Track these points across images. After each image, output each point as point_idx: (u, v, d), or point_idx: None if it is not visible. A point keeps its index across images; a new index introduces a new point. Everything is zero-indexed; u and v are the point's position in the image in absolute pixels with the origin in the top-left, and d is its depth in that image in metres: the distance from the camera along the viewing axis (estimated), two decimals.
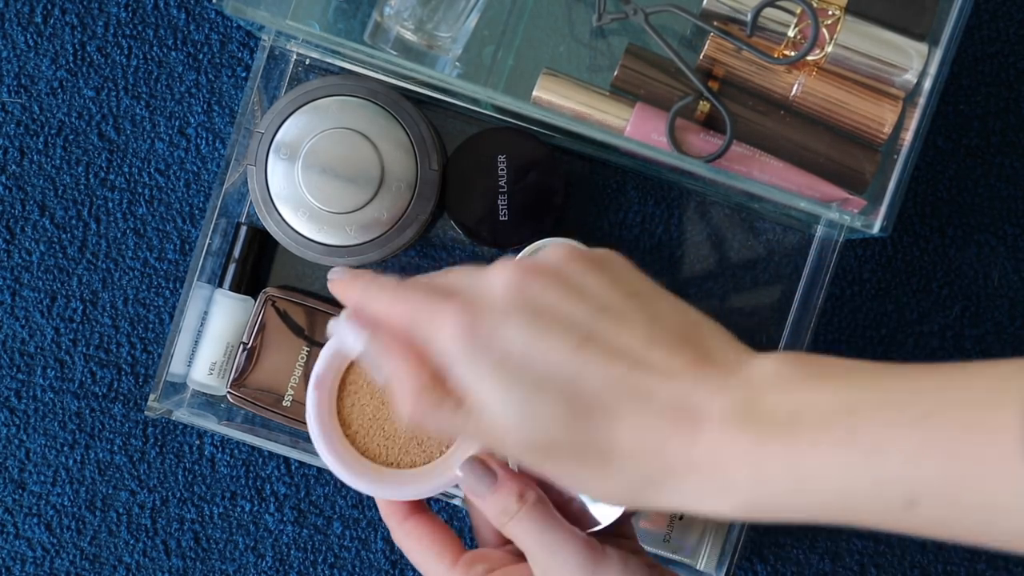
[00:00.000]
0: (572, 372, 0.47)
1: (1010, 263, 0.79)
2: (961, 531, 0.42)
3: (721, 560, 0.73)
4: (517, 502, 0.55)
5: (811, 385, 0.45)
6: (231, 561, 0.80)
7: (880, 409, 0.43)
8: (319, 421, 0.61)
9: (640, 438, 0.46)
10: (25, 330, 0.80)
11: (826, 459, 0.43)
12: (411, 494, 0.60)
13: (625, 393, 0.47)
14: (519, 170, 0.74)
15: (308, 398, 0.61)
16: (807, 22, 0.71)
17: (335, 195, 0.71)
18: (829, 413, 0.44)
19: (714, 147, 0.73)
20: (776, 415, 0.45)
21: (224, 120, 0.79)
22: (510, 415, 0.47)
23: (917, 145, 0.68)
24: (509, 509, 0.55)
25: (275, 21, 0.68)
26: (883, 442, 0.42)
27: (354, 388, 0.62)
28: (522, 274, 0.48)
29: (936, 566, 0.79)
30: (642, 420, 0.46)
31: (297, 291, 0.77)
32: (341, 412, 0.62)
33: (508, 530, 0.55)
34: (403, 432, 0.62)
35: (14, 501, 0.80)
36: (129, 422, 0.80)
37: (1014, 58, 0.79)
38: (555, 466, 0.48)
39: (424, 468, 0.62)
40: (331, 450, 0.61)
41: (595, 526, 0.58)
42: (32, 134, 0.80)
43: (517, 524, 0.55)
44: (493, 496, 0.55)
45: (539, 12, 0.76)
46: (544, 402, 0.47)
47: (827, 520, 0.45)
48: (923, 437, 0.42)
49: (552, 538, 0.54)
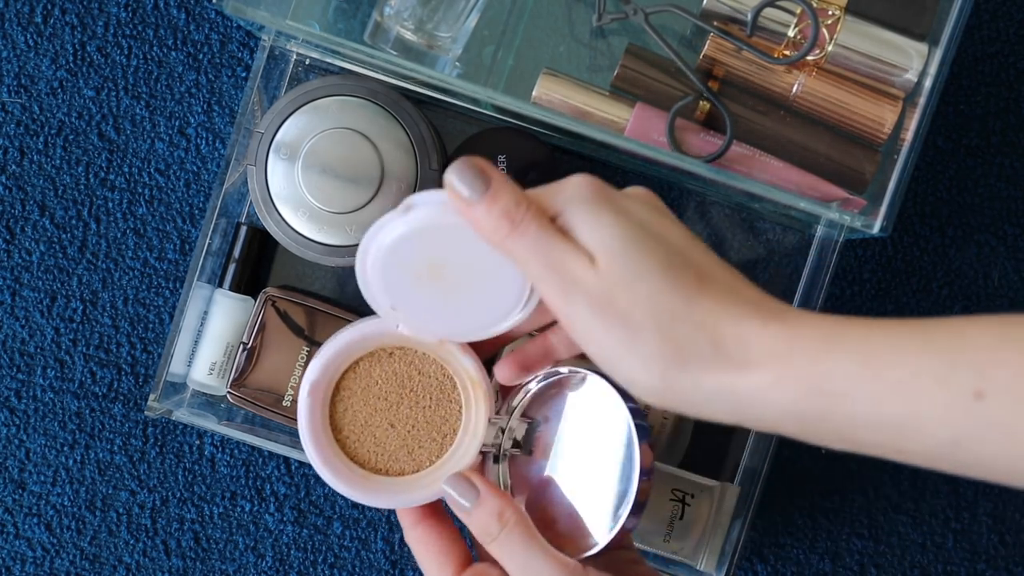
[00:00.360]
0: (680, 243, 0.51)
1: (1010, 263, 0.79)
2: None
3: (721, 560, 0.73)
4: (497, 522, 0.55)
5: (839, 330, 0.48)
6: (231, 561, 0.80)
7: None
8: (310, 426, 0.61)
9: (714, 316, 0.49)
10: (25, 330, 0.80)
11: (894, 342, 0.46)
12: (398, 503, 0.60)
13: (720, 273, 0.50)
14: (519, 170, 0.74)
15: (300, 402, 0.61)
16: (807, 22, 0.71)
17: (335, 195, 0.71)
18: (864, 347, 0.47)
19: (714, 147, 0.73)
20: (815, 341, 0.48)
21: (224, 120, 0.79)
22: (613, 260, 0.49)
23: (917, 145, 0.68)
24: (491, 529, 0.55)
25: (275, 21, 0.68)
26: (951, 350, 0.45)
27: (347, 394, 0.62)
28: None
29: (936, 566, 0.79)
30: (721, 305, 0.49)
31: (297, 291, 0.77)
32: (333, 417, 0.62)
33: (491, 550, 0.55)
34: (394, 440, 0.62)
35: (14, 501, 0.80)
36: (129, 422, 0.80)
37: (1014, 58, 0.79)
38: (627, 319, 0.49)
39: (413, 477, 0.61)
40: (321, 455, 0.61)
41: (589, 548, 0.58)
42: (32, 134, 0.80)
43: (498, 545, 0.55)
44: (475, 513, 0.56)
45: (539, 12, 0.76)
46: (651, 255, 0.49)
47: (883, 419, 0.46)
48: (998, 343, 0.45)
49: (533, 562, 0.54)
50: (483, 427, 0.60)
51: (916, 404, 0.45)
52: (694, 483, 0.73)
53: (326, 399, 0.62)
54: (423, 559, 0.58)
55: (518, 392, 0.62)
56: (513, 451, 0.62)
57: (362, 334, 0.61)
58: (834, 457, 0.79)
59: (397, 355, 0.62)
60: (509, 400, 0.62)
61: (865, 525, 0.80)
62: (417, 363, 0.62)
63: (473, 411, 0.61)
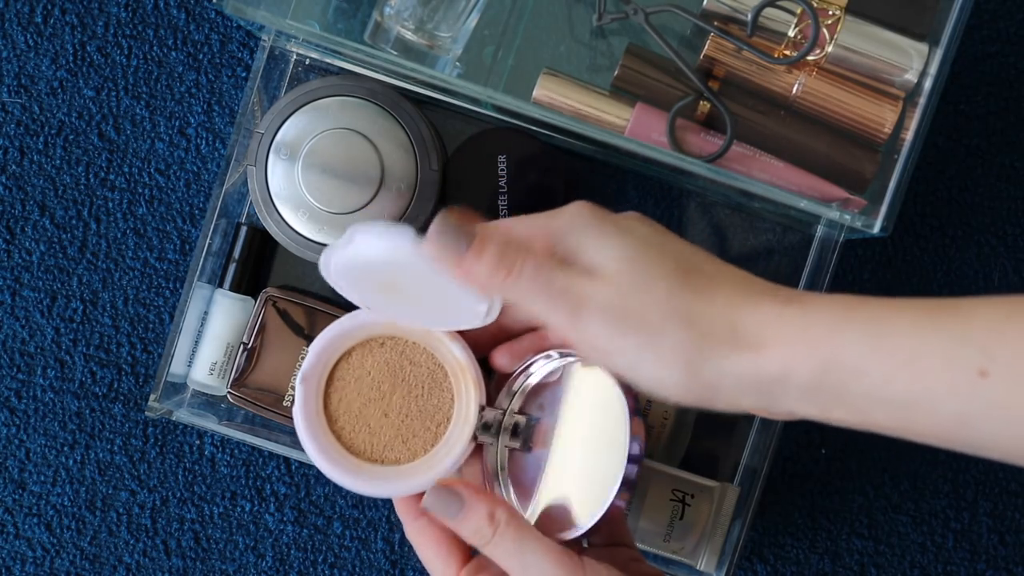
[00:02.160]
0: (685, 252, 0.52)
1: (1010, 263, 0.79)
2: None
3: (721, 560, 0.73)
4: (489, 525, 0.55)
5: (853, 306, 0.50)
6: (231, 561, 0.80)
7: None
8: (305, 415, 0.62)
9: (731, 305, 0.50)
10: (25, 330, 0.80)
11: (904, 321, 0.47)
12: (394, 491, 0.60)
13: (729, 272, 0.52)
14: (519, 170, 0.74)
15: (296, 392, 0.61)
16: (807, 22, 0.71)
17: (335, 195, 0.71)
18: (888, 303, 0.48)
19: (714, 147, 0.73)
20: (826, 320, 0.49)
21: (224, 120, 0.79)
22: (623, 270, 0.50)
23: (917, 145, 0.68)
24: (483, 533, 0.55)
25: (275, 21, 0.68)
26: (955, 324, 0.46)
27: (341, 384, 0.63)
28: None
29: (936, 566, 0.79)
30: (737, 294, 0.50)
31: (297, 291, 0.77)
32: (328, 407, 0.63)
33: (487, 553, 0.55)
34: (388, 430, 0.62)
35: (14, 501, 0.80)
36: (129, 422, 0.80)
37: (1014, 58, 0.79)
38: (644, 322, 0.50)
39: (408, 466, 0.62)
40: (315, 443, 0.61)
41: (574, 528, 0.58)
42: (32, 134, 0.80)
43: (493, 548, 0.55)
44: (464, 520, 0.55)
45: (539, 12, 0.76)
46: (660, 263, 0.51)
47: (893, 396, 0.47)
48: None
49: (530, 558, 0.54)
50: (474, 413, 0.61)
51: (923, 382, 0.45)
52: (694, 483, 0.73)
53: (320, 389, 0.62)
54: (425, 552, 0.58)
55: (514, 382, 0.62)
56: (511, 444, 0.62)
57: (352, 323, 0.62)
58: (834, 457, 0.79)
59: (388, 344, 0.63)
60: (507, 387, 0.62)
61: (865, 525, 0.80)
62: (408, 352, 0.63)
63: (464, 398, 0.62)
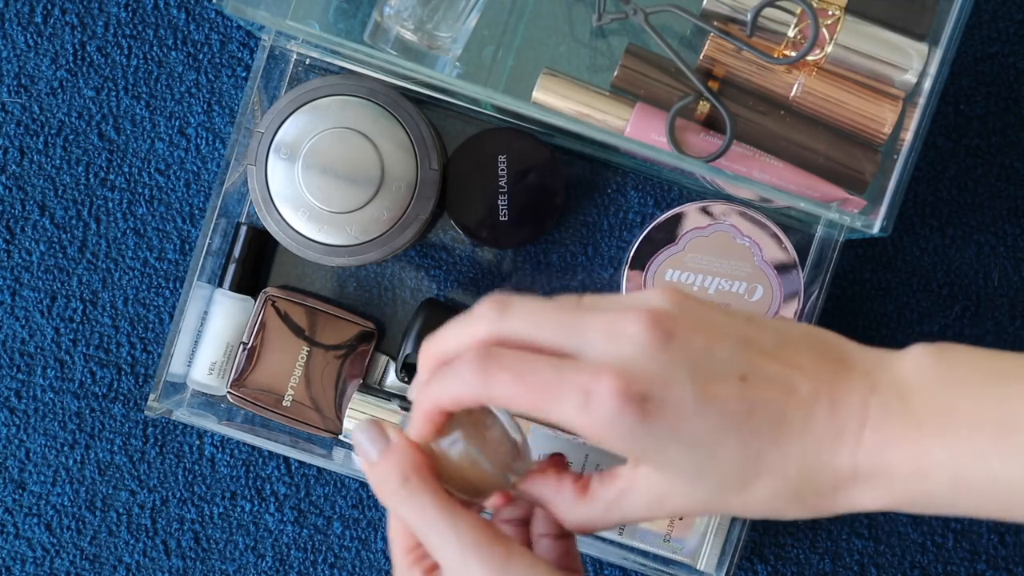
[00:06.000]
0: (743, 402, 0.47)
1: (1010, 263, 0.79)
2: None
3: (721, 560, 0.73)
4: (399, 478, 0.49)
5: (959, 378, 0.47)
6: (231, 561, 0.80)
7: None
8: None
9: (805, 456, 0.47)
10: (25, 330, 0.80)
11: (984, 451, 0.45)
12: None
13: (785, 418, 0.47)
14: (519, 170, 0.74)
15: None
16: (807, 22, 0.71)
17: (335, 195, 0.71)
18: (983, 408, 0.46)
19: (714, 147, 0.73)
20: (930, 411, 0.46)
21: (224, 120, 0.79)
22: (695, 410, 0.47)
23: (917, 145, 0.68)
24: (390, 482, 0.50)
25: (275, 21, 0.68)
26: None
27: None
28: (676, 295, 0.49)
29: (936, 566, 0.79)
30: (804, 441, 0.47)
31: (297, 291, 0.77)
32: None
33: (390, 507, 0.51)
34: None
35: (14, 501, 0.80)
36: (129, 422, 0.80)
37: (1014, 58, 0.79)
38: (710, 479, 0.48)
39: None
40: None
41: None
42: (32, 134, 0.80)
43: (400, 502, 0.50)
44: (380, 464, 0.50)
45: (539, 12, 0.76)
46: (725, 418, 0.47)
47: (984, 514, 0.46)
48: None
49: (445, 520, 0.49)
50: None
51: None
52: None
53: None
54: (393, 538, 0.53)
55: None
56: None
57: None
58: None
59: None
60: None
61: (865, 525, 0.80)
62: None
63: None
